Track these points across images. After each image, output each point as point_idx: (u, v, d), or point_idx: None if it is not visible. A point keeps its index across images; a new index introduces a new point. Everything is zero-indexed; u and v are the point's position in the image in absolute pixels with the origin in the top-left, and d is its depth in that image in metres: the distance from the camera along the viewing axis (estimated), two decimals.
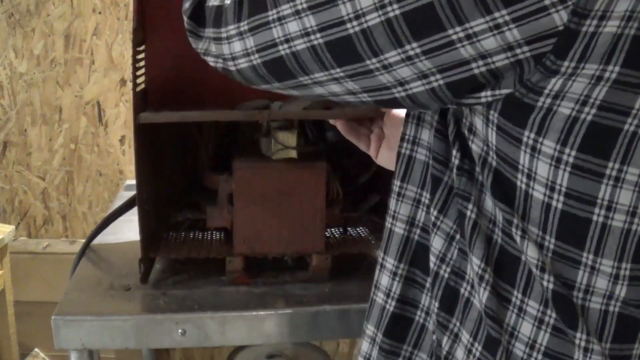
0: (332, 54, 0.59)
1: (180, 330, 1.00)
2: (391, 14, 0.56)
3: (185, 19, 0.74)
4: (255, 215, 1.09)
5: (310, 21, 0.59)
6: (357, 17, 0.57)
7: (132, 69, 1.04)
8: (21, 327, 1.84)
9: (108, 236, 1.28)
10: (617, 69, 0.54)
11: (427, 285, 0.70)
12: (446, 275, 0.67)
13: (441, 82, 0.59)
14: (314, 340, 1.67)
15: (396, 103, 0.63)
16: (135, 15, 1.05)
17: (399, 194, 0.72)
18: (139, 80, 1.07)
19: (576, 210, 0.58)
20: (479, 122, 0.62)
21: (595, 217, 0.58)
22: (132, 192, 1.15)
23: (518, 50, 0.55)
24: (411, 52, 0.57)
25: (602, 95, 0.55)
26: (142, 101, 1.11)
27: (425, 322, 0.71)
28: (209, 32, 0.70)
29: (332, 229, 1.27)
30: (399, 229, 0.72)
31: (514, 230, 0.61)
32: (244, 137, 1.20)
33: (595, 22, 0.53)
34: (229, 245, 1.13)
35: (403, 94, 0.61)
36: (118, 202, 1.32)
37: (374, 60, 0.58)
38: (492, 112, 0.60)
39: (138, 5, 1.06)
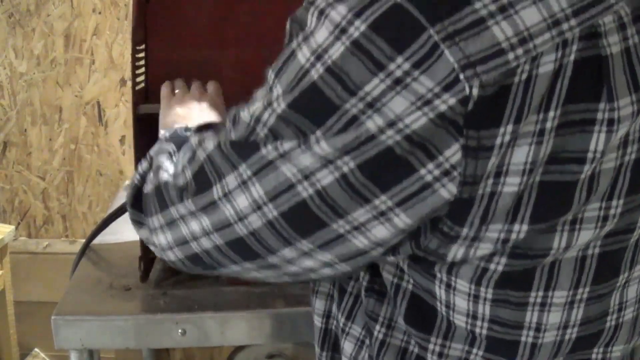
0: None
1: (180, 330, 0.99)
2: (269, 216, 0.54)
3: (128, 208, 0.72)
4: None
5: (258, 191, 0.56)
6: (240, 219, 0.56)
7: (132, 67, 1.04)
8: (21, 327, 1.84)
9: (108, 236, 1.28)
10: (524, 227, 0.51)
11: None
12: None
13: (346, 267, 0.58)
14: (313, 340, 1.67)
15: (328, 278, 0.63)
16: (134, 14, 1.05)
17: (313, 290, 0.73)
18: (138, 80, 1.07)
19: (502, 334, 0.58)
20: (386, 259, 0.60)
21: (524, 338, 0.58)
22: None
23: (409, 229, 0.53)
24: (305, 248, 0.56)
25: (506, 257, 0.53)
26: (142, 100, 1.10)
27: None
28: (155, 219, 0.67)
29: None
30: (317, 322, 0.73)
31: (428, 354, 0.60)
32: None
33: (491, 181, 0.50)
34: None
35: (314, 276, 0.60)
36: (118, 202, 1.32)
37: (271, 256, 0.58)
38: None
39: (138, 5, 1.06)
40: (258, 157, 0.54)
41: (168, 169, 0.67)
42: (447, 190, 0.50)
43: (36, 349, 2.02)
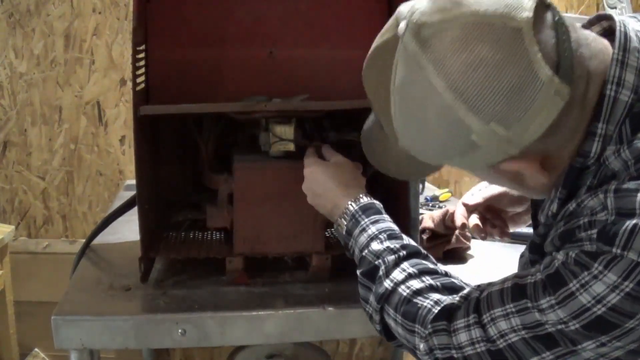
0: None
1: (180, 330, 0.99)
2: None
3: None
4: (255, 215, 1.09)
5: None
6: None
7: (132, 68, 1.04)
8: (21, 327, 1.84)
9: (108, 236, 1.28)
10: None
11: None
12: None
13: None
14: (314, 340, 1.67)
15: None
16: (135, 14, 1.05)
17: None
18: (139, 80, 1.07)
19: None
20: None
21: None
22: (132, 192, 1.15)
23: None
24: None
25: None
26: (142, 100, 1.11)
27: None
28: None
29: (333, 229, 1.26)
30: None
31: None
32: (244, 137, 1.20)
33: None
34: (229, 245, 1.13)
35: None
36: (118, 202, 1.32)
37: None
38: None
39: (138, 4, 1.06)
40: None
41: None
42: None
43: (36, 349, 2.02)
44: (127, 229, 1.27)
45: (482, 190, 1.07)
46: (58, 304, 1.03)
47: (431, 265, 0.84)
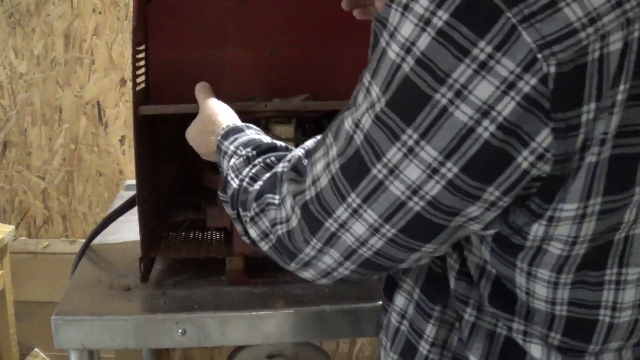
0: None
1: (180, 330, 0.99)
2: (389, 234, 0.58)
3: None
4: None
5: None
6: (363, 244, 0.60)
7: (132, 68, 1.04)
8: (21, 327, 1.84)
9: (108, 236, 1.28)
10: (599, 200, 0.54)
11: None
12: None
13: (448, 248, 0.61)
14: (314, 340, 1.67)
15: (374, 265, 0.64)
16: (135, 14, 1.05)
17: (392, 287, 0.75)
18: (138, 80, 1.07)
19: (581, 314, 0.60)
20: (475, 240, 0.62)
21: (601, 317, 0.60)
22: (132, 192, 1.15)
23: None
24: (431, 249, 0.59)
25: (591, 230, 0.55)
26: (142, 100, 1.10)
27: None
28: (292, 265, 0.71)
29: None
30: (394, 320, 0.74)
31: (514, 333, 0.62)
32: None
33: (577, 156, 0.52)
34: (229, 245, 1.13)
35: (369, 252, 0.61)
36: (118, 202, 1.32)
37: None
38: (486, 238, 0.61)
39: (138, 5, 1.06)
40: (367, 181, 0.56)
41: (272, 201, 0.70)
42: (541, 171, 0.52)
43: (36, 349, 2.02)
44: (127, 229, 1.27)
45: None
46: (58, 304, 1.03)
47: (282, 153, 0.78)
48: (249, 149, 0.79)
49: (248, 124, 0.88)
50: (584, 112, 0.50)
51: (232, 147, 0.82)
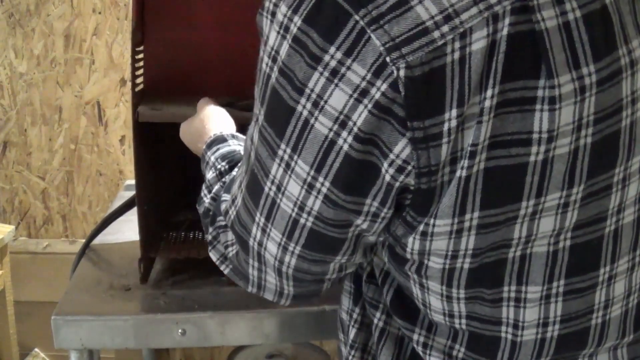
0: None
1: (180, 330, 1.00)
2: (296, 251, 0.57)
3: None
4: None
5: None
6: (281, 261, 0.59)
7: (131, 69, 1.04)
8: (21, 327, 1.84)
9: (108, 236, 1.28)
10: (475, 215, 0.50)
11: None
12: None
13: (360, 258, 0.60)
14: (314, 340, 1.67)
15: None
16: (134, 16, 1.05)
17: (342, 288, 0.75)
18: (137, 81, 1.07)
19: (482, 330, 0.57)
20: (378, 243, 0.60)
21: (503, 335, 0.57)
22: (132, 192, 1.15)
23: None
24: (337, 262, 0.58)
25: (471, 245, 0.51)
26: (142, 101, 1.10)
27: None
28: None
29: None
30: (345, 317, 0.74)
31: (414, 344, 0.60)
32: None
33: (447, 169, 0.48)
34: None
35: (291, 270, 0.59)
36: (118, 202, 1.32)
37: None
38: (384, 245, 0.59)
39: (137, 6, 1.06)
40: (264, 199, 0.55)
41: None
42: (405, 184, 0.49)
43: (36, 349, 2.02)
44: (127, 229, 1.27)
45: None
46: (58, 304, 1.03)
47: None
48: (224, 163, 0.77)
49: (235, 133, 0.86)
50: (446, 120, 0.46)
51: (212, 158, 0.81)
